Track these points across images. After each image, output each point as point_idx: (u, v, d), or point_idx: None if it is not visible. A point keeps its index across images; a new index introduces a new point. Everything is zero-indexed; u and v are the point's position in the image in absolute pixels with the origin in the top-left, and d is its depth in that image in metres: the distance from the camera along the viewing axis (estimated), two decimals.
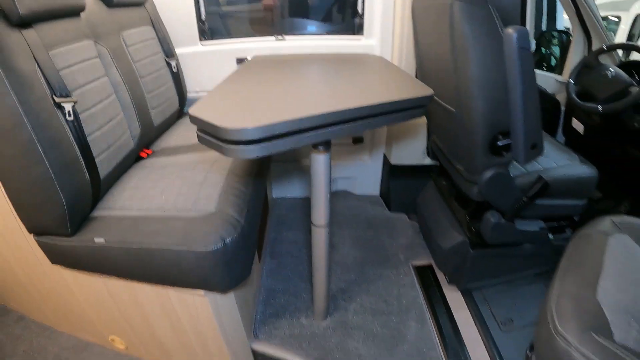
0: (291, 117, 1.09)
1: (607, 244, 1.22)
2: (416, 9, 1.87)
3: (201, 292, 1.45)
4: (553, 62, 3.25)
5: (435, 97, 1.85)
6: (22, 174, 1.22)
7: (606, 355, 0.88)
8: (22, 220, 1.38)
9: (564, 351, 0.92)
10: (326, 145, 1.40)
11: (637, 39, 5.02)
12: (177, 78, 2.36)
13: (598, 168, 2.08)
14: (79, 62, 1.49)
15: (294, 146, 1.15)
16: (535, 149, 1.50)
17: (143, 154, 1.90)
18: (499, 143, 1.54)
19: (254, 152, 1.08)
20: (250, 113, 1.21)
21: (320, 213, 1.57)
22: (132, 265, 1.37)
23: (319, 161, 1.43)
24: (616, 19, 5.36)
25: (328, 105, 1.19)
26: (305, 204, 1.82)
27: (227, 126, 1.04)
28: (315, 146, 1.39)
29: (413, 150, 2.65)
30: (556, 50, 3.20)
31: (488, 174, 1.63)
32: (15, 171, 1.23)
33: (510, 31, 1.30)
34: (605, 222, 1.33)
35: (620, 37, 5.26)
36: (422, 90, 1.42)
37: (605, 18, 5.70)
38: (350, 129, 1.25)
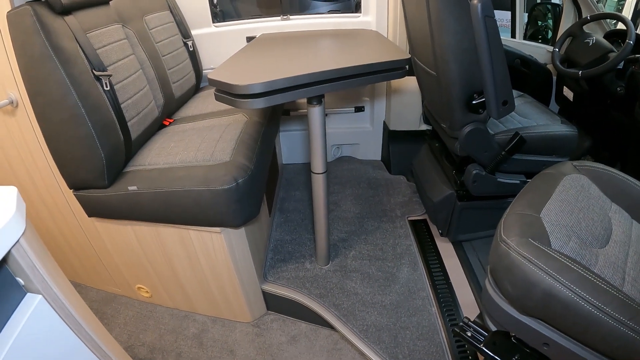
0: (288, 75, 1.34)
1: (562, 180, 1.37)
2: None
3: (217, 229, 1.67)
4: (550, 34, 3.37)
5: (420, 64, 2.01)
6: (69, 134, 1.45)
7: (539, 255, 1.03)
8: (64, 176, 1.61)
9: (505, 253, 1.09)
10: (318, 99, 1.63)
11: None
12: (194, 56, 2.56)
13: (588, 134, 2.20)
14: (111, 43, 1.70)
15: (291, 99, 1.40)
16: (506, 105, 1.64)
17: (165, 122, 2.10)
18: (474, 101, 1.71)
19: (259, 103, 1.34)
20: (256, 74, 1.47)
21: (317, 161, 1.79)
22: (159, 207, 1.61)
23: (314, 113, 1.66)
24: None
25: (318, 67, 1.43)
26: None
27: (238, 83, 1.30)
28: (309, 101, 1.63)
29: (410, 117, 2.84)
30: (552, 23, 3.31)
31: (467, 129, 1.79)
32: (62, 132, 1.46)
33: (475, 2, 1.44)
34: (567, 165, 1.47)
35: (627, 10, 5.33)
36: (399, 55, 1.64)
37: None
38: (337, 86, 1.48)
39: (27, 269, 0.73)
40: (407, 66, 1.66)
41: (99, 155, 1.51)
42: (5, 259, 0.68)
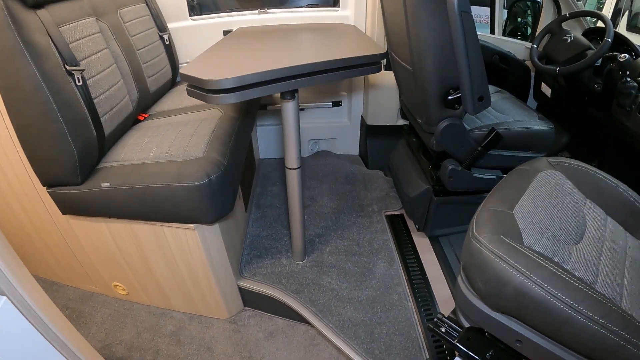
0: (260, 70, 1.33)
1: (536, 176, 1.38)
2: None
3: (191, 225, 1.65)
4: (529, 31, 3.39)
5: (397, 59, 2.01)
6: (41, 130, 1.42)
7: (511, 253, 1.03)
8: (37, 173, 1.57)
9: (476, 250, 1.09)
10: (291, 94, 1.61)
11: (623, 12, 5.11)
12: (170, 50, 2.52)
13: (566, 130, 2.20)
14: (85, 37, 1.66)
15: (263, 94, 1.39)
16: (482, 101, 1.65)
17: (140, 117, 2.07)
18: (450, 97, 1.71)
19: (231, 98, 1.33)
20: (228, 69, 1.45)
21: (292, 156, 1.77)
22: (133, 204, 1.58)
23: (287, 108, 1.65)
24: None
25: (292, 62, 1.42)
26: None
27: (209, 78, 1.28)
28: (283, 96, 1.61)
29: (387, 112, 2.84)
30: (531, 20, 3.34)
31: (443, 124, 1.80)
32: (34, 128, 1.42)
33: None
34: (542, 161, 1.48)
35: (607, 8, 5.36)
36: (375, 49, 1.64)
37: None
38: (310, 81, 1.48)
39: None
40: (383, 61, 1.66)
41: (71, 152, 1.48)
42: None
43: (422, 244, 2.28)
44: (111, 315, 2.11)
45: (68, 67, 1.48)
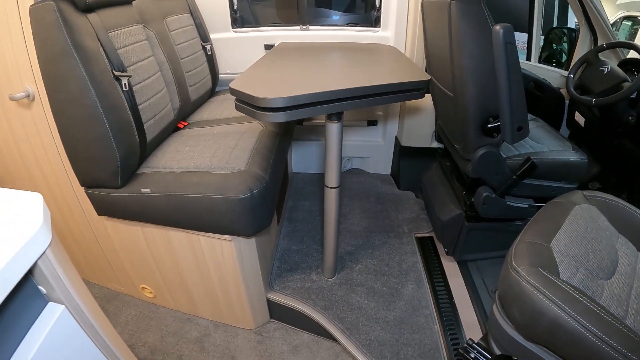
0: (310, 91, 1.35)
1: (572, 210, 1.38)
2: (425, 6, 2.03)
3: (228, 237, 1.67)
4: (564, 58, 3.37)
5: (437, 84, 2.02)
6: (85, 132, 1.46)
7: (548, 285, 1.05)
8: (76, 174, 1.61)
9: (515, 281, 1.10)
10: (338, 116, 1.63)
11: None
12: (211, 60, 2.57)
13: (597, 160, 2.19)
14: (132, 44, 1.70)
15: (312, 114, 1.41)
16: (521, 131, 1.65)
17: (180, 125, 2.11)
18: (490, 125, 1.72)
19: (281, 117, 1.35)
20: (278, 87, 1.48)
21: (332, 176, 1.79)
22: (172, 212, 1.61)
23: (332, 129, 1.67)
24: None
25: (340, 84, 1.44)
26: (321, 178, 2.01)
27: (261, 96, 1.30)
28: (329, 117, 1.63)
29: (422, 134, 2.84)
30: (567, 47, 3.33)
31: (480, 152, 1.81)
32: (79, 130, 1.46)
33: (498, 28, 1.46)
34: (577, 195, 1.48)
35: None
36: (420, 75, 1.65)
37: (632, 18, 5.73)
38: (358, 104, 1.49)
39: (51, 279, 0.73)
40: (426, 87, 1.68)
41: (114, 156, 1.51)
42: (30, 269, 0.67)
43: (451, 268, 2.27)
44: (136, 317, 2.14)
45: (116, 73, 1.52)
